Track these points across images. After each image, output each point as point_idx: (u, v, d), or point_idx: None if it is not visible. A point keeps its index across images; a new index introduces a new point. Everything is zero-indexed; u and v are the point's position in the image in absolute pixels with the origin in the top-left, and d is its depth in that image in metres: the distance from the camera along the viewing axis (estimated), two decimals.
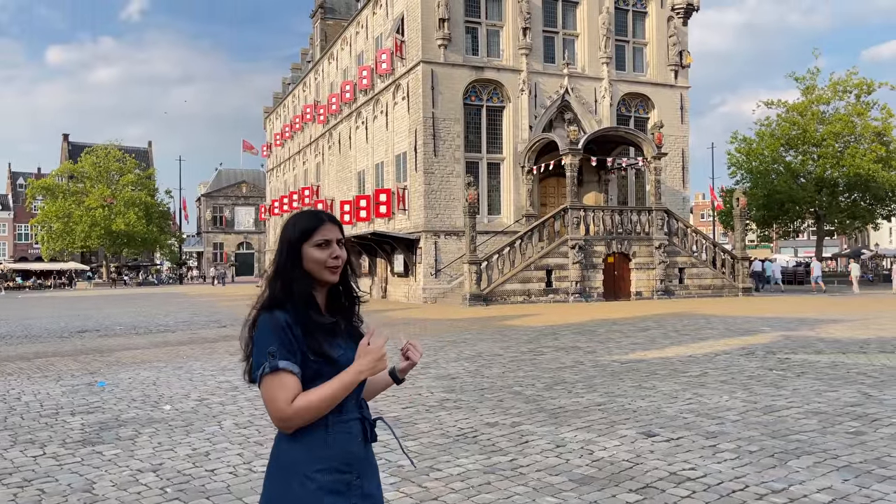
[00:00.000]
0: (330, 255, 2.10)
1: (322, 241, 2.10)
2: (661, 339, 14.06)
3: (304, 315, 2.05)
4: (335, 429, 2.03)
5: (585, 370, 10.30)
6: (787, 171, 45.92)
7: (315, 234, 2.10)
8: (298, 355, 2.00)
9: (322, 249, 2.10)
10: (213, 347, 14.25)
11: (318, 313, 2.10)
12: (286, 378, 1.95)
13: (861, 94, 45.64)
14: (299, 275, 2.09)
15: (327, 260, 2.10)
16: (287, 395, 1.95)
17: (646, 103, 31.68)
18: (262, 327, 2.02)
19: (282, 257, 2.12)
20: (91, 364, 12.03)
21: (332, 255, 2.10)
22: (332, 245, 2.11)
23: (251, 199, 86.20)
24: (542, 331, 15.98)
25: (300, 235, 2.11)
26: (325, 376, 2.01)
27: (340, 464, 2.03)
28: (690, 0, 31.32)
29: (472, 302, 23.95)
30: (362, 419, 2.12)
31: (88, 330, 18.93)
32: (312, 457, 2.00)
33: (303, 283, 2.08)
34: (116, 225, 60.43)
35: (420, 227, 27.44)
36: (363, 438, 2.11)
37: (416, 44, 27.83)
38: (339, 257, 2.12)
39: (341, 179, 38.67)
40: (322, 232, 2.11)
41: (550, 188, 30.05)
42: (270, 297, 2.08)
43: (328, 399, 1.97)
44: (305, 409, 1.95)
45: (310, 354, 2.02)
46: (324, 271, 2.10)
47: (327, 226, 2.12)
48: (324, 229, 2.12)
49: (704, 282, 27.80)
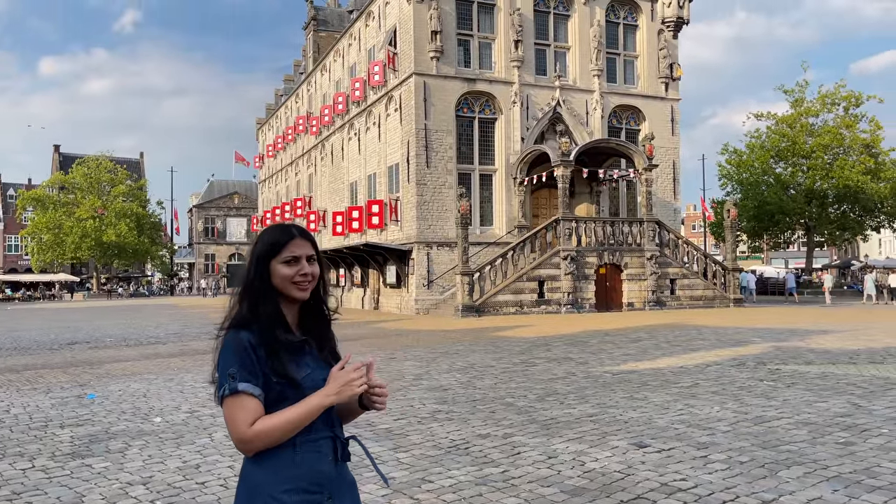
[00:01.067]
0: (298, 272, 2.04)
1: (290, 257, 2.04)
2: (652, 350, 14.10)
3: (269, 335, 1.99)
4: (303, 448, 1.97)
5: (577, 381, 10.31)
6: (777, 183, 46.28)
7: (284, 249, 2.05)
8: (261, 377, 1.94)
9: (290, 266, 2.04)
10: (205, 359, 14.17)
11: (286, 331, 2.04)
12: (246, 400, 1.91)
13: (849, 106, 46.11)
14: (266, 292, 2.04)
15: (294, 276, 2.03)
16: (246, 418, 1.90)
17: (637, 115, 31.91)
18: (226, 348, 1.98)
19: (250, 273, 2.07)
20: (81, 376, 11.96)
21: (301, 271, 2.04)
22: (300, 262, 2.05)
23: (243, 211, 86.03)
24: (535, 342, 15.99)
25: (268, 250, 2.06)
26: (289, 399, 1.95)
27: (309, 484, 1.96)
28: (680, 14, 31.64)
29: (465, 313, 23.95)
30: (334, 437, 2.05)
31: (78, 342, 18.81)
32: (279, 478, 1.94)
33: (269, 302, 2.03)
34: (107, 236, 60.18)
35: (412, 238, 27.46)
36: (334, 458, 2.03)
37: (409, 56, 27.96)
38: (307, 274, 2.05)
39: (334, 190, 38.69)
40: (291, 247, 2.05)
41: (542, 199, 30.16)
42: (237, 315, 2.03)
43: (292, 423, 1.92)
44: (266, 433, 1.91)
45: (272, 376, 1.96)
46: (291, 288, 2.04)
47: (297, 241, 2.07)
48: (292, 245, 2.06)
49: (696, 293, 27.90)
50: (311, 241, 2.11)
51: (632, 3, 31.63)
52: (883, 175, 44.78)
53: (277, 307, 2.05)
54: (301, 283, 2.05)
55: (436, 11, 27.51)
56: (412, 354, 14.05)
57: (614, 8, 31.37)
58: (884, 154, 46.02)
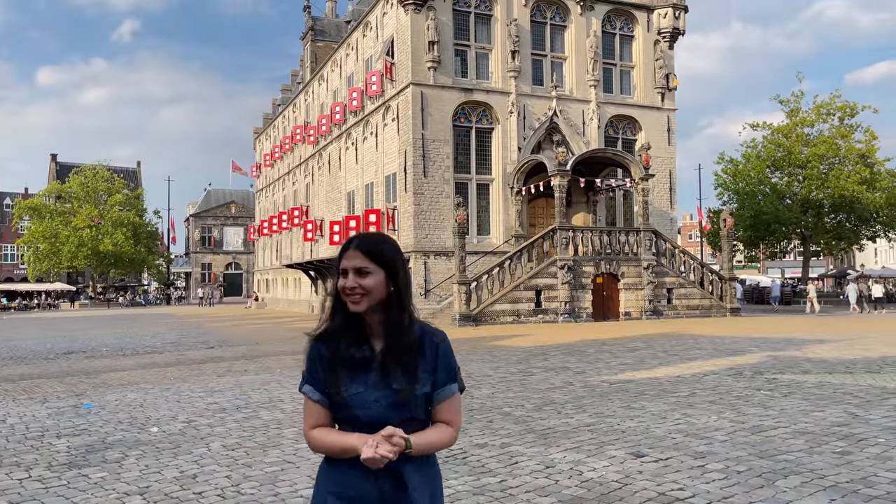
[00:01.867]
0: (345, 285, 2.06)
1: (341, 268, 2.09)
2: (649, 359, 14.10)
3: (332, 348, 2.11)
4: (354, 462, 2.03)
5: (575, 391, 10.31)
6: (773, 193, 46.41)
7: (340, 261, 2.10)
8: (323, 384, 2.11)
9: (342, 278, 2.08)
10: (201, 369, 14.16)
11: (352, 345, 2.09)
12: (308, 403, 2.14)
13: (844, 116, 46.30)
14: (337, 303, 2.12)
15: (344, 289, 2.07)
16: (308, 418, 2.14)
17: (633, 125, 32.04)
18: (305, 353, 2.17)
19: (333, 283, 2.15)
20: (77, 386, 11.93)
21: (347, 284, 2.06)
22: (347, 274, 2.07)
23: (240, 220, 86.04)
24: (532, 351, 15.99)
25: (337, 260, 2.12)
26: (342, 410, 2.09)
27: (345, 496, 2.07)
28: (676, 25, 31.83)
29: (462, 322, 23.94)
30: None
31: (75, 351, 18.76)
32: (329, 477, 2.11)
33: (338, 313, 2.11)
34: (104, 245, 60.08)
35: (410, 247, 27.48)
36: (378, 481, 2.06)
37: (406, 66, 28.07)
38: (352, 288, 2.04)
39: (331, 200, 38.73)
40: (343, 259, 2.09)
41: (539, 209, 30.22)
42: (320, 325, 2.15)
43: (333, 449, 2.07)
44: (317, 443, 2.10)
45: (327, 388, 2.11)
46: (347, 300, 2.08)
47: (349, 253, 2.09)
48: (345, 256, 2.09)
49: (693, 302, 27.94)
50: (367, 252, 2.08)
51: (628, 14, 31.83)
52: (878, 185, 44.94)
53: (344, 320, 2.11)
54: (350, 297, 2.07)
55: (433, 22, 27.65)
56: None
57: (610, 19, 31.55)
58: (879, 164, 46.20)
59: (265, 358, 16.10)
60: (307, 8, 45.53)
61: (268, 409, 9.35)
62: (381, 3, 31.27)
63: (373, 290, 2.06)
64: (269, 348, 18.76)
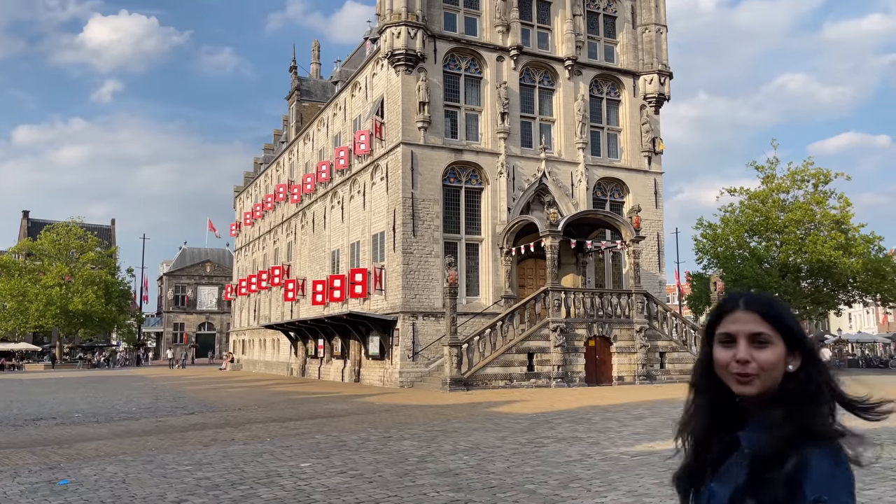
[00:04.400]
0: (733, 358, 1.52)
1: (724, 334, 1.55)
2: (662, 428, 13.43)
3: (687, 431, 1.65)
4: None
5: (596, 464, 9.60)
6: (752, 257, 46.76)
7: (720, 323, 1.56)
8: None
9: (725, 347, 1.54)
10: (184, 437, 13.17)
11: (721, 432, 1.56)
12: None
13: (818, 183, 47.21)
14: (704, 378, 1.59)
15: (730, 364, 1.52)
16: None
17: (621, 188, 32.15)
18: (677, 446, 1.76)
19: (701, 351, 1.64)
20: (50, 457, 10.90)
21: (737, 357, 1.52)
22: (738, 342, 1.53)
23: (215, 279, 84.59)
24: (534, 418, 15.24)
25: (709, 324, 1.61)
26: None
27: None
28: (661, 90, 32.41)
29: (453, 387, 23.07)
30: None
31: (44, 417, 17.54)
32: None
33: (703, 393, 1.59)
34: (74, 304, 58.20)
35: (398, 307, 26.77)
36: None
37: (397, 125, 27.98)
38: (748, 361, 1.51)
39: (314, 259, 38.02)
40: (727, 321, 1.55)
41: (528, 270, 29.84)
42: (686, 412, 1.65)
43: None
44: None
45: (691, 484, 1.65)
46: (729, 379, 1.54)
47: (736, 314, 1.55)
48: (730, 318, 1.55)
49: (686, 366, 27.38)
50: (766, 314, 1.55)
51: (615, 80, 32.36)
52: (854, 250, 45.54)
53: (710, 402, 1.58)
54: (740, 373, 1.51)
55: (424, 83, 27.74)
56: (409, 433, 13.21)
57: (598, 83, 32.03)
58: (854, 230, 46.94)
59: (251, 425, 15.12)
60: (293, 68, 45.85)
61: (266, 485, 8.50)
62: (371, 63, 31.44)
63: (773, 366, 1.52)
64: (253, 414, 17.73)
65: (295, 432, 13.59)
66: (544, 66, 30.73)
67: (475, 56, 29.42)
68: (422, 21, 27.78)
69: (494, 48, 29.57)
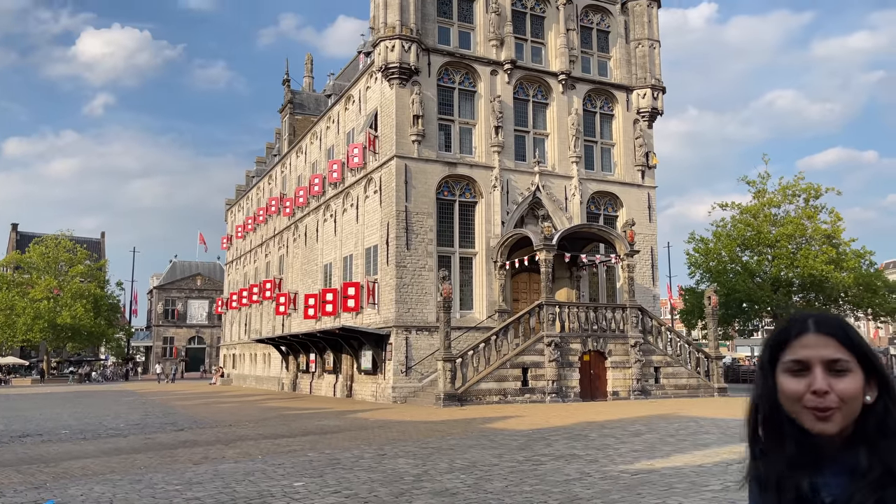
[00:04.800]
0: (808, 389, 1.30)
1: (792, 362, 1.32)
2: (660, 445, 13.26)
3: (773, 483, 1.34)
4: None
5: (596, 483, 9.41)
6: (744, 271, 46.81)
7: (787, 349, 1.33)
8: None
9: (795, 377, 1.32)
10: (174, 455, 12.87)
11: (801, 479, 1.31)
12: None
13: (809, 197, 47.41)
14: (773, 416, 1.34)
15: (804, 396, 1.30)
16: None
17: (614, 202, 32.12)
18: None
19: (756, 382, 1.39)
20: (36, 476, 10.60)
21: (813, 387, 1.30)
22: (812, 370, 1.31)
23: (205, 292, 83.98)
24: (530, 435, 15.02)
25: (772, 348, 1.36)
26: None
27: None
28: (655, 105, 32.49)
29: (447, 402, 22.80)
30: None
31: (30, 434, 17.17)
32: None
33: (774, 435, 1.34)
34: (62, 318, 57.53)
35: (391, 321, 26.53)
36: None
37: (390, 139, 27.88)
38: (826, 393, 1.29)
39: (306, 272, 37.75)
40: (797, 347, 1.32)
41: (522, 283, 29.70)
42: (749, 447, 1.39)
43: None
44: None
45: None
46: (802, 414, 1.31)
47: (808, 337, 1.33)
48: (800, 342, 1.33)
49: (680, 381, 27.27)
50: (843, 339, 1.34)
51: (608, 94, 32.43)
52: (845, 265, 45.67)
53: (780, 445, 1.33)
54: (818, 408, 1.29)
55: (417, 96, 27.68)
56: (403, 450, 12.96)
57: (591, 98, 32.08)
58: (845, 244, 47.10)
59: (242, 442, 14.83)
60: (286, 81, 45.79)
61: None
62: (364, 77, 31.38)
63: (853, 398, 1.30)
64: (244, 430, 17.43)
65: (287, 449, 13.32)
66: (538, 80, 30.77)
67: (469, 70, 29.42)
68: (416, 35, 27.78)
69: (488, 62, 29.59)
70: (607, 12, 32.90)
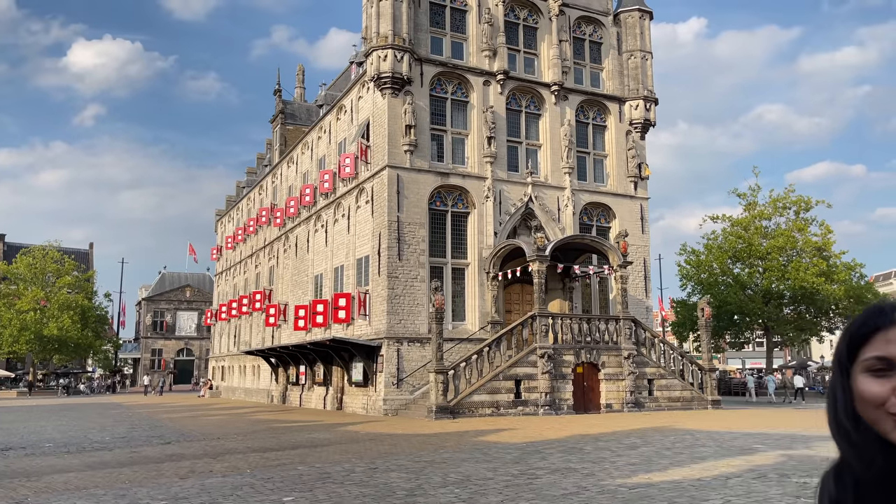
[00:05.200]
0: (893, 391, 1.06)
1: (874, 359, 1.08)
2: (656, 458, 13.04)
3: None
4: None
5: (594, 497, 9.18)
6: (735, 283, 46.82)
7: (867, 345, 1.10)
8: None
9: (878, 378, 1.07)
10: (160, 469, 12.54)
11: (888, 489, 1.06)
12: None
13: (800, 210, 47.57)
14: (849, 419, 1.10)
15: (889, 400, 1.06)
16: None
17: (607, 213, 32.04)
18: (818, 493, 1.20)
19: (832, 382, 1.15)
20: (17, 490, 10.27)
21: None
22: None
23: (195, 304, 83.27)
24: (525, 448, 14.77)
25: (848, 345, 1.12)
26: None
27: None
28: (647, 116, 32.50)
29: (439, 415, 22.51)
30: None
31: (13, 447, 16.76)
32: None
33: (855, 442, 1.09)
34: (49, 329, 56.78)
35: (382, 333, 26.25)
36: None
37: (383, 149, 27.71)
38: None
39: (296, 283, 37.42)
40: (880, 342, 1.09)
41: (515, 294, 29.51)
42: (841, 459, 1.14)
43: None
44: None
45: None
46: (884, 421, 1.07)
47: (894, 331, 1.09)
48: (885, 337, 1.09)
49: (674, 394, 27.09)
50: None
51: (601, 105, 32.43)
52: (836, 277, 45.77)
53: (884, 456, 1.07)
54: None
55: (410, 106, 27.56)
56: (395, 464, 12.68)
57: (584, 109, 32.07)
58: (835, 257, 47.22)
59: (230, 455, 14.50)
60: (278, 91, 45.62)
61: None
62: (357, 86, 31.25)
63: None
64: (232, 444, 17.08)
65: (276, 463, 13.02)
66: (531, 90, 30.73)
67: (462, 80, 29.36)
68: (408, 45, 27.70)
69: (481, 72, 29.53)
70: (600, 24, 32.96)
